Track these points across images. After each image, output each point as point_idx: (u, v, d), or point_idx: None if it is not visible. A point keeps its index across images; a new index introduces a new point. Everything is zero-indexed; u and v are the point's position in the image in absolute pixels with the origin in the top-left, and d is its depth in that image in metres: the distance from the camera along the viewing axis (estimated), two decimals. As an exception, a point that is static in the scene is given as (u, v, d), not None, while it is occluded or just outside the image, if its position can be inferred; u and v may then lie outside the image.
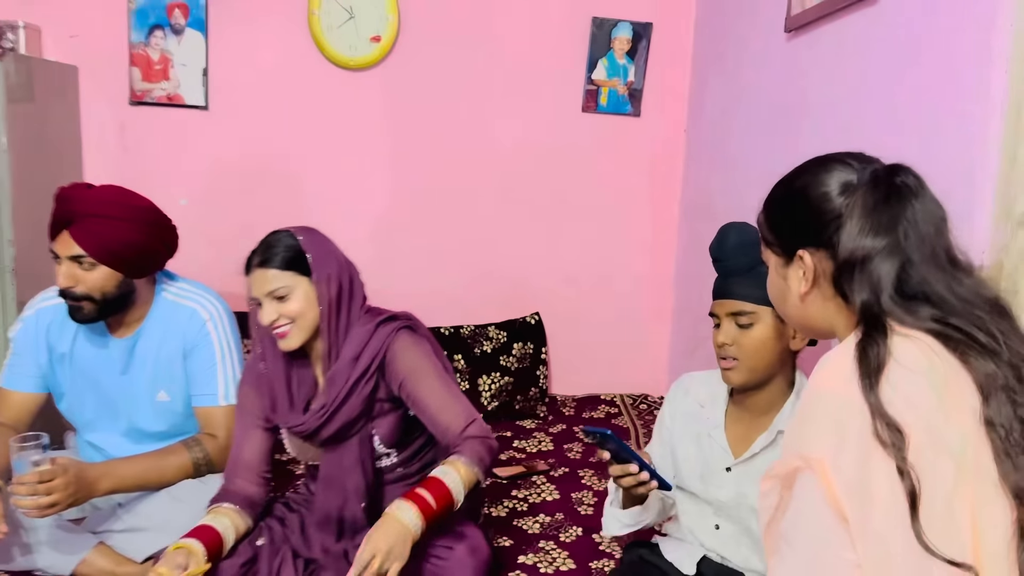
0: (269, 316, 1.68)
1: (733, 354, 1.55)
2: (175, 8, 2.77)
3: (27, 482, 1.63)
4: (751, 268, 1.53)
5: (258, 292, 1.69)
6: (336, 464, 1.77)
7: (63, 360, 1.96)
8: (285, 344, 1.71)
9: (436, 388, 1.73)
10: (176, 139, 2.88)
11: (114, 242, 1.81)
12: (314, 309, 1.71)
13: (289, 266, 1.69)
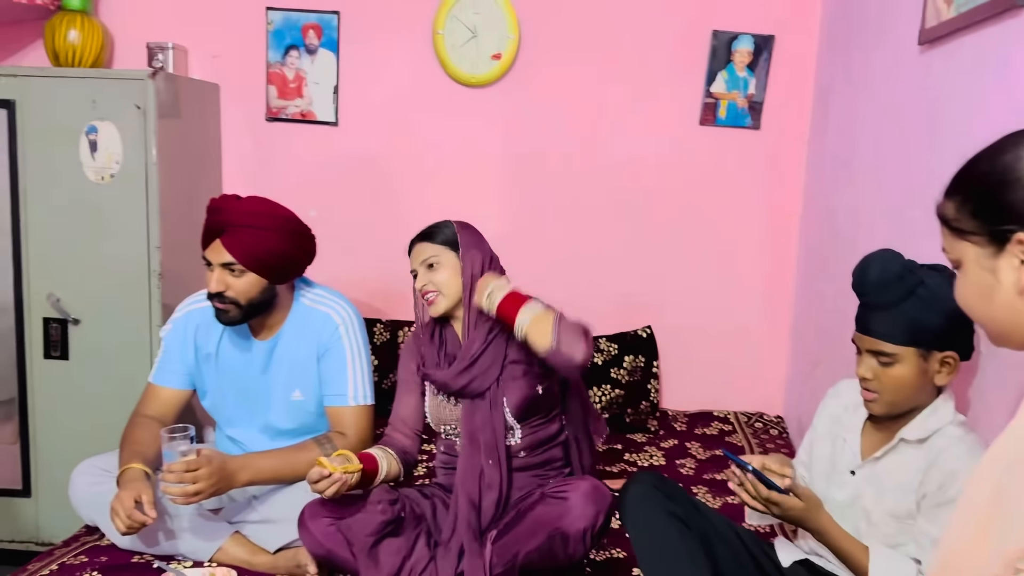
0: (420, 282, 1.96)
1: (874, 388, 1.53)
2: (310, 29, 2.93)
3: (175, 470, 1.78)
4: (894, 305, 1.49)
5: (415, 262, 1.98)
6: (471, 420, 1.94)
7: (208, 360, 2.10)
8: (433, 310, 1.96)
9: None
10: (307, 154, 3.03)
11: (261, 251, 1.94)
12: (458, 280, 1.95)
13: (439, 241, 1.97)
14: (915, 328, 1.46)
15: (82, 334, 2.68)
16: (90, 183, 2.61)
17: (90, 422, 2.67)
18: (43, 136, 2.60)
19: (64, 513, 2.66)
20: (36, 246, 2.65)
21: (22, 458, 2.74)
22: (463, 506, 1.88)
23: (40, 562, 1.92)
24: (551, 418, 2.01)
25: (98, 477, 2.03)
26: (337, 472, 1.74)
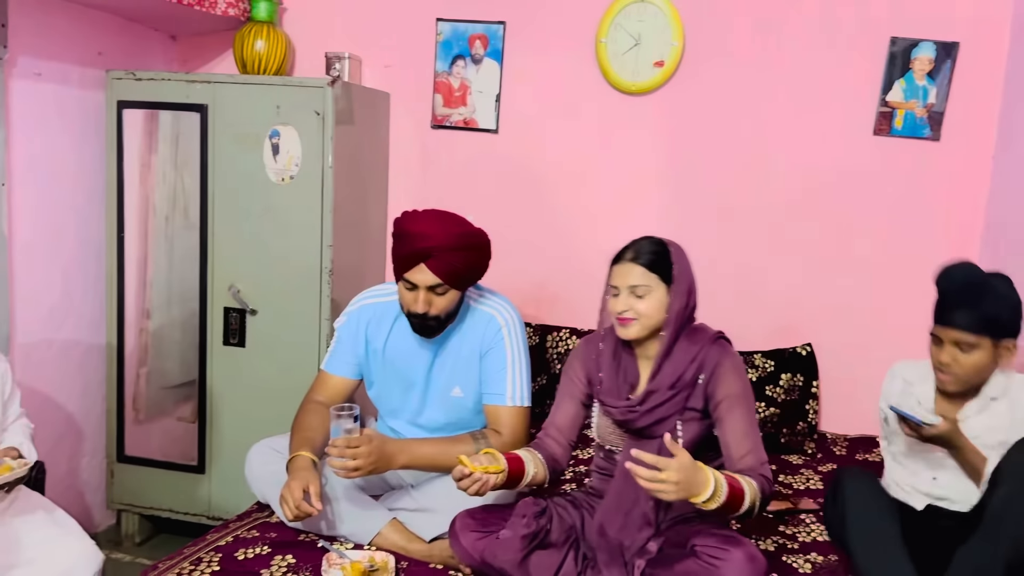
0: (621, 306, 1.87)
1: (953, 371, 1.91)
2: (476, 39, 3.02)
3: (338, 446, 1.89)
4: (975, 303, 1.87)
5: (619, 282, 1.89)
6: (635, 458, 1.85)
7: (377, 353, 2.20)
8: (624, 332, 1.89)
9: (745, 418, 1.86)
10: (467, 160, 3.12)
11: (465, 270, 2.04)
12: (661, 314, 1.89)
13: (654, 268, 1.88)
14: (991, 321, 1.87)
15: (258, 323, 2.86)
16: (271, 184, 2.79)
17: (262, 406, 2.85)
18: (231, 139, 2.81)
19: (234, 489, 2.87)
20: (221, 241, 2.86)
21: (199, 437, 2.95)
22: (606, 540, 1.87)
23: (217, 533, 2.07)
24: (715, 453, 1.94)
25: (271, 457, 2.16)
26: (478, 472, 1.76)
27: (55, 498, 2.22)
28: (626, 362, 1.97)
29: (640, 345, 1.94)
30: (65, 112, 2.81)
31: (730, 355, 1.92)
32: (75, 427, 2.97)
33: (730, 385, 1.87)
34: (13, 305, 2.66)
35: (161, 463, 3.00)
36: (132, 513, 3.05)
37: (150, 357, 3.05)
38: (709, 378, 1.88)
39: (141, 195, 2.95)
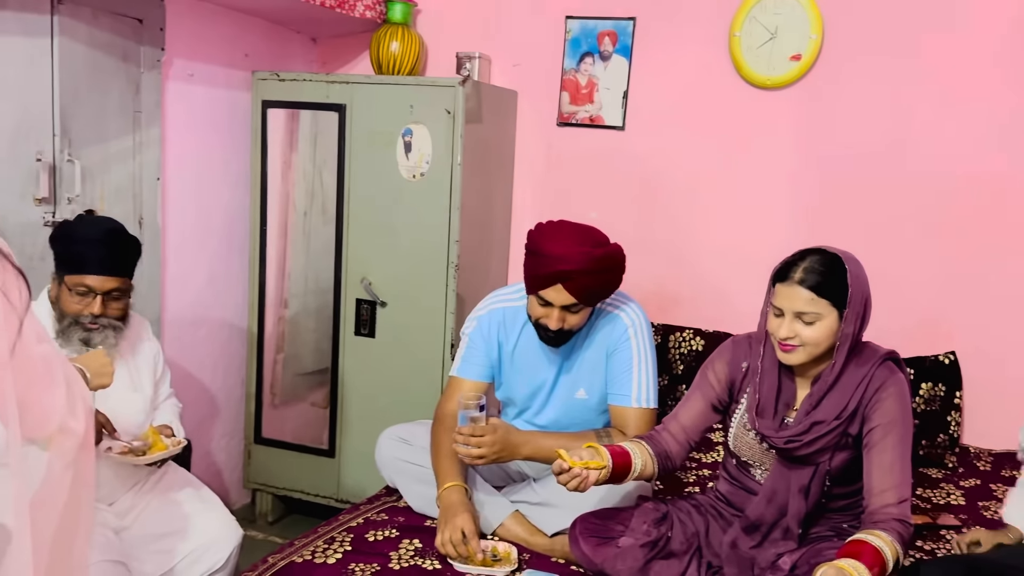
0: (784, 332, 1.72)
1: None
2: (605, 36, 3.01)
3: (464, 433, 1.93)
4: None
5: (783, 304, 1.73)
6: (783, 482, 1.80)
7: (507, 357, 2.23)
8: (786, 358, 1.76)
9: (895, 449, 1.72)
10: (593, 157, 3.11)
11: (601, 290, 2.06)
12: (829, 341, 1.74)
13: (824, 293, 1.71)
14: None
15: (388, 315, 2.96)
16: (403, 180, 2.88)
17: (389, 394, 2.95)
18: (366, 137, 2.92)
19: (362, 473, 2.97)
20: (354, 235, 2.97)
21: (330, 422, 3.08)
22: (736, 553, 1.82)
23: (348, 515, 2.16)
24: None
25: (399, 444, 2.24)
26: (577, 467, 1.72)
27: (197, 475, 2.37)
28: (785, 382, 1.84)
29: (803, 366, 1.80)
30: (214, 111, 2.99)
31: (897, 380, 1.77)
32: (217, 408, 3.16)
33: (888, 411, 1.73)
34: (165, 291, 2.85)
35: (294, 446, 3.15)
36: (266, 493, 3.22)
37: (286, 344, 3.20)
38: (868, 401, 1.75)
39: (282, 191, 3.11)
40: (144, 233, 2.68)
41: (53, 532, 1.36)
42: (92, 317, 2.01)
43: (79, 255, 2.01)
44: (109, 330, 2.06)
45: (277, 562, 1.87)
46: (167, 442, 2.07)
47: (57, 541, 1.38)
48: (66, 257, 2.03)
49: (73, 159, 2.45)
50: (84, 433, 1.40)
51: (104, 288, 2.02)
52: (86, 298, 2.01)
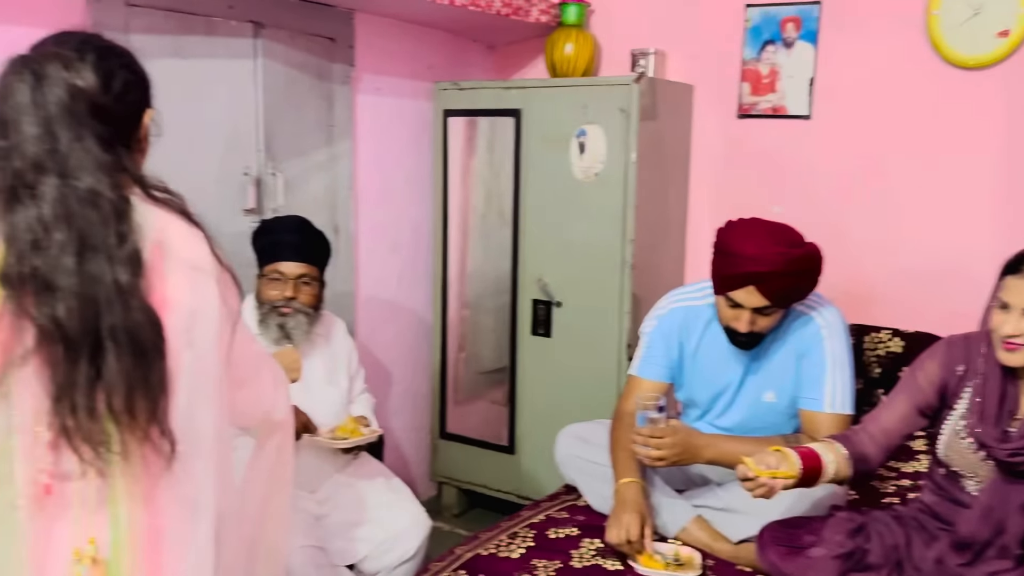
0: (1010, 328, 1.60)
1: None
2: (788, 22, 2.88)
3: (643, 434, 1.91)
4: None
5: (1013, 299, 1.60)
6: (1002, 497, 1.66)
7: (689, 357, 2.18)
8: (1009, 359, 1.63)
9: None
10: (775, 149, 2.99)
11: (796, 292, 1.98)
12: None
13: None
14: None
15: (563, 315, 2.99)
16: (577, 181, 2.90)
17: (566, 393, 2.98)
18: (541, 140, 2.96)
19: (541, 470, 3.02)
20: (530, 236, 3.03)
21: (509, 420, 3.15)
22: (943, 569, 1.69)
23: (530, 511, 2.20)
24: None
25: (577, 442, 2.26)
26: (763, 476, 1.65)
27: (387, 467, 2.51)
28: (1009, 389, 1.69)
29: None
30: (399, 122, 3.15)
31: None
32: (405, 403, 3.32)
33: None
34: (358, 293, 3.04)
35: (476, 441, 3.25)
36: (451, 486, 3.34)
37: (467, 343, 3.32)
38: None
39: (462, 195, 3.22)
40: (339, 239, 2.86)
41: (257, 515, 1.49)
42: (285, 301, 2.21)
43: (272, 245, 2.26)
44: (301, 315, 2.24)
45: (463, 554, 1.94)
46: (364, 431, 2.21)
47: (261, 523, 1.50)
48: (262, 249, 2.28)
49: (276, 172, 2.67)
50: (286, 423, 1.52)
51: (294, 273, 2.24)
52: (280, 283, 2.23)
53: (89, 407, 1.04)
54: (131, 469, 1.09)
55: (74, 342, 1.03)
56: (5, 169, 1.05)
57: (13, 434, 1.03)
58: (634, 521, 1.91)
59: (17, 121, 1.05)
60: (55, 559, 1.05)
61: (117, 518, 1.09)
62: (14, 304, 1.02)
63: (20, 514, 1.03)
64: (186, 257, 1.15)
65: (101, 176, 1.07)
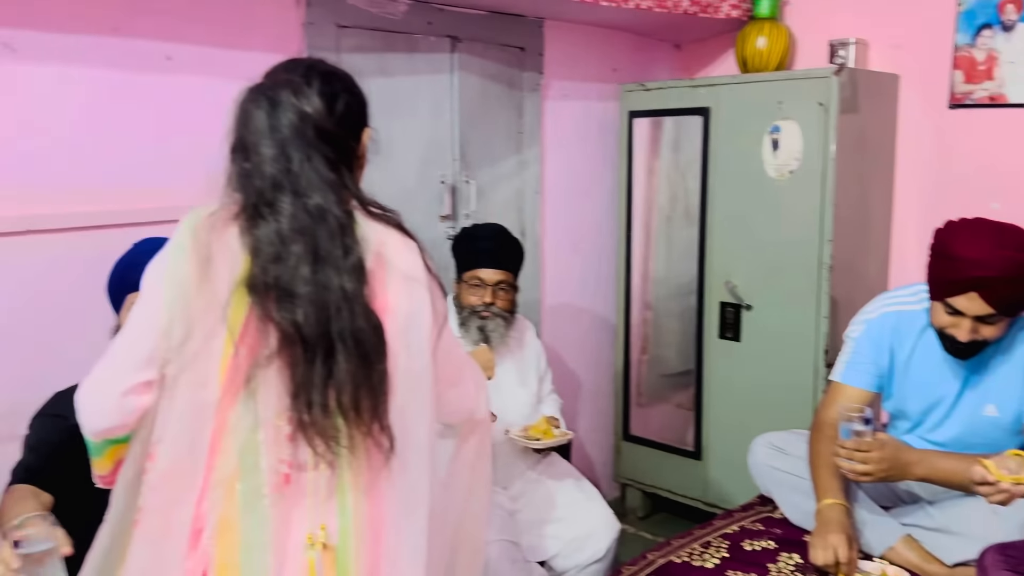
0: None
1: None
2: (1008, 4, 2.64)
3: (847, 448, 1.81)
4: None
5: None
6: None
7: (900, 366, 2.04)
8: None
9: None
10: (992, 140, 2.74)
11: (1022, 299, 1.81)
12: None
13: None
14: None
15: (754, 318, 2.90)
16: (769, 180, 2.80)
17: (757, 400, 2.89)
18: (732, 138, 2.88)
19: (730, 478, 2.95)
20: (718, 237, 2.96)
21: (696, 425, 3.10)
22: None
23: (723, 520, 2.15)
24: None
25: (773, 452, 2.18)
26: (1006, 482, 1.53)
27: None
28: None
29: None
30: (585, 126, 3.18)
31: None
32: (588, 404, 3.35)
33: None
34: (543, 295, 3.10)
35: (660, 445, 3.22)
36: (635, 488, 3.33)
37: (651, 345, 3.29)
38: None
39: (646, 197, 3.20)
40: (526, 243, 2.92)
41: (460, 510, 1.56)
42: (485, 306, 2.30)
43: (473, 252, 2.36)
44: (499, 319, 2.33)
45: (656, 559, 1.94)
46: (557, 432, 2.26)
47: (464, 518, 1.57)
48: (463, 255, 2.39)
49: (469, 180, 2.78)
50: (486, 422, 1.58)
51: (493, 280, 2.33)
52: (479, 289, 2.33)
53: (322, 404, 1.13)
54: (356, 462, 1.18)
55: (310, 344, 1.13)
56: (247, 188, 1.16)
57: (259, 428, 1.14)
58: (842, 542, 1.82)
59: (256, 144, 1.15)
60: (293, 543, 1.15)
61: (345, 507, 1.18)
62: (260, 309, 1.13)
63: (265, 501, 1.13)
64: (402, 267, 1.23)
65: (328, 194, 1.16)
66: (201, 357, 1.13)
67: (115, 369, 1.16)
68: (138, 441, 1.17)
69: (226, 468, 1.13)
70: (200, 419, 1.13)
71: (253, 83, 1.21)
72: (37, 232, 1.93)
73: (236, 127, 1.17)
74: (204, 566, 1.12)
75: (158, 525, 1.13)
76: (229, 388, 1.13)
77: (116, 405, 1.14)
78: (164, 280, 1.15)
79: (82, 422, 1.19)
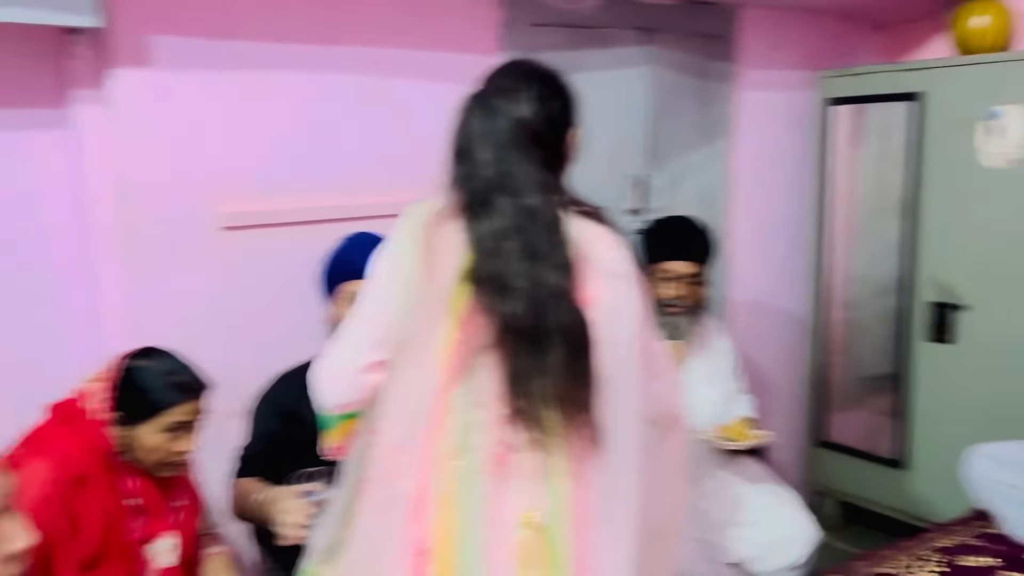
0: None
1: None
2: None
3: None
4: None
5: None
6: None
7: None
8: None
9: None
10: None
11: None
12: None
13: None
14: None
15: (971, 320, 2.67)
16: (990, 168, 2.57)
17: (973, 408, 2.66)
18: (945, 124, 2.68)
19: (938, 490, 2.74)
20: (930, 232, 2.75)
21: (899, 432, 2.90)
22: None
23: (936, 534, 2.02)
24: None
25: (995, 464, 2.02)
26: None
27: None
28: None
29: None
30: (777, 115, 3.06)
31: None
32: (777, 406, 3.21)
33: None
34: (730, 291, 3.01)
35: (857, 452, 3.04)
36: (829, 497, 3.17)
37: (848, 346, 3.12)
38: None
39: (844, 189, 3.03)
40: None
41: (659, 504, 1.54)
42: (674, 300, 2.26)
43: (663, 245, 2.32)
44: (689, 314, 2.28)
45: (862, 569, 1.84)
46: (755, 433, 2.18)
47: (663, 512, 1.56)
48: (653, 248, 2.36)
49: (657, 173, 2.75)
50: (684, 417, 1.56)
51: (684, 273, 2.29)
52: (669, 283, 2.29)
53: (535, 392, 1.18)
54: (566, 450, 1.21)
55: (525, 336, 1.18)
56: (467, 189, 1.24)
57: (477, 410, 1.20)
58: None
59: (475, 149, 1.23)
60: (506, 522, 1.19)
61: (555, 491, 1.21)
62: (480, 301, 1.20)
63: (481, 479, 1.19)
64: (607, 263, 1.27)
65: (540, 194, 1.23)
66: (425, 342, 1.21)
67: (350, 350, 1.26)
68: (367, 417, 1.25)
69: (446, 446, 1.19)
70: (422, 398, 1.21)
71: (473, 91, 1.29)
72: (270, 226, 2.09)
73: (457, 133, 1.26)
74: (424, 536, 1.19)
75: (382, 495, 1.21)
76: (451, 371, 1.20)
77: (351, 382, 1.25)
78: (393, 270, 1.25)
79: (319, 398, 1.29)
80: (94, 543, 1.48)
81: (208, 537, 1.74)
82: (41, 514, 1.33)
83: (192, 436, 1.57)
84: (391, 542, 1.19)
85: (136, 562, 1.55)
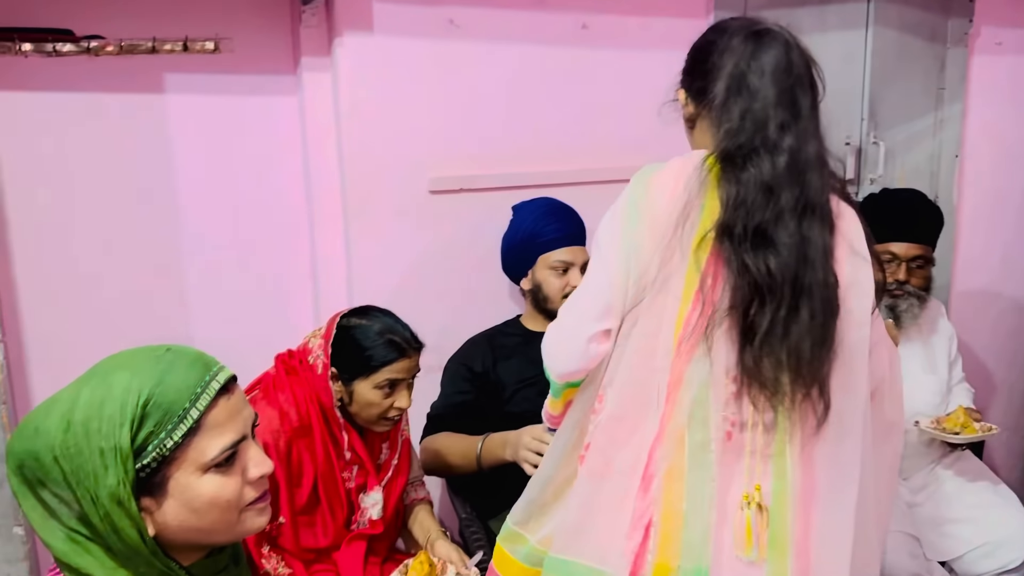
0: None
1: None
2: None
3: None
4: None
5: None
6: None
7: None
8: None
9: None
10: None
11: None
12: None
13: None
14: None
15: None
16: None
17: None
18: None
19: None
20: None
21: None
22: None
23: None
24: None
25: None
26: None
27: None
28: None
29: None
30: (1021, 79, 2.75)
31: None
32: (1000, 398, 2.95)
33: None
34: (955, 271, 2.75)
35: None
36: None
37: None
38: None
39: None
40: (938, 213, 2.64)
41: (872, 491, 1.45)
42: (897, 284, 2.08)
43: (887, 224, 2.10)
44: (913, 299, 2.10)
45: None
46: (979, 426, 2.01)
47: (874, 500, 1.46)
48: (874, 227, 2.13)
49: (878, 141, 2.55)
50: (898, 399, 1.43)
51: (909, 255, 2.10)
52: (891, 265, 2.10)
53: (774, 354, 1.10)
54: (792, 427, 1.14)
55: (778, 293, 1.10)
56: (744, 130, 1.13)
57: (710, 384, 1.14)
58: None
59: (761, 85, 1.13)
60: (731, 499, 1.15)
61: (781, 470, 1.15)
62: (730, 255, 1.11)
63: (711, 456, 1.14)
64: (848, 235, 1.19)
65: (819, 145, 1.13)
66: (653, 311, 1.16)
67: (580, 318, 1.22)
68: (591, 384, 1.24)
69: (679, 419, 1.15)
70: (649, 368, 1.17)
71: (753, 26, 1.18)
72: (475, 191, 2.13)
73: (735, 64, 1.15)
74: (652, 510, 1.16)
75: (600, 463, 1.19)
76: (686, 342, 1.14)
77: (581, 351, 1.21)
78: (620, 239, 1.19)
79: (549, 365, 1.27)
80: (309, 490, 1.56)
81: (412, 486, 1.82)
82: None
83: (407, 393, 1.61)
84: (612, 514, 1.17)
85: (349, 511, 1.62)
